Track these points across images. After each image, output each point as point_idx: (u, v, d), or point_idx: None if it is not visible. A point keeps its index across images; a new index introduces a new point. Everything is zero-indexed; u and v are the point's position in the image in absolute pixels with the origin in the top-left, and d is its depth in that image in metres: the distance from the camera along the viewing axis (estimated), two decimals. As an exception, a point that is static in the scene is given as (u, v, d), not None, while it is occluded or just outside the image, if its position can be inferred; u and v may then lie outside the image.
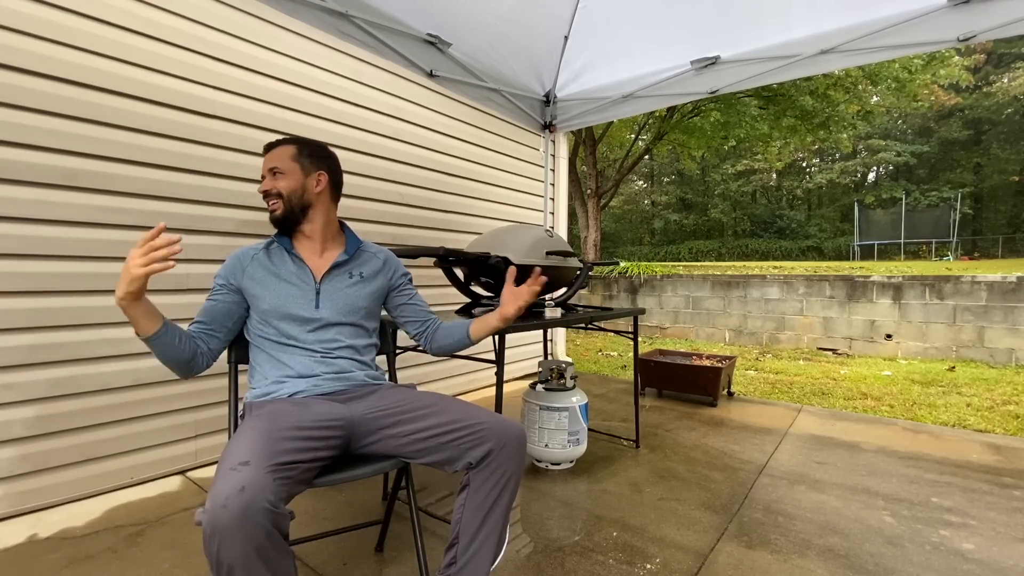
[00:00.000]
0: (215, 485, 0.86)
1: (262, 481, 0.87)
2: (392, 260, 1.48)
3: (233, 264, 1.31)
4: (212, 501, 0.83)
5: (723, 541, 1.67)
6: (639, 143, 13.11)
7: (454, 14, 2.45)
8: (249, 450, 0.94)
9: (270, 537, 0.85)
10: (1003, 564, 1.55)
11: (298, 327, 1.28)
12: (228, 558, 0.82)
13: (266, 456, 0.94)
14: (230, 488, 0.84)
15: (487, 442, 1.11)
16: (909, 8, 2.14)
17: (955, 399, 3.72)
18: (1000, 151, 20.51)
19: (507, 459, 1.12)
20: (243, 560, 0.82)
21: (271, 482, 0.89)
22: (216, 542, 0.81)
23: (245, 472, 0.88)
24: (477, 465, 1.11)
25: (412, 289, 1.51)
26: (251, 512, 0.83)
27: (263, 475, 0.89)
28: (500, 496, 1.11)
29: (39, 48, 1.76)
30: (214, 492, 0.84)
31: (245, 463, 0.90)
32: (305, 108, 2.53)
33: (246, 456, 0.92)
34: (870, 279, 5.88)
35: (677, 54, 2.77)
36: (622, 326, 5.88)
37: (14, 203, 1.74)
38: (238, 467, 0.89)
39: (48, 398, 1.83)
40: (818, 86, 9.06)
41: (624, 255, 23.04)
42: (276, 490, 0.89)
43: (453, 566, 1.10)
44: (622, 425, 2.90)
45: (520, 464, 1.15)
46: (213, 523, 0.81)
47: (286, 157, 1.33)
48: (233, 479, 0.86)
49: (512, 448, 1.13)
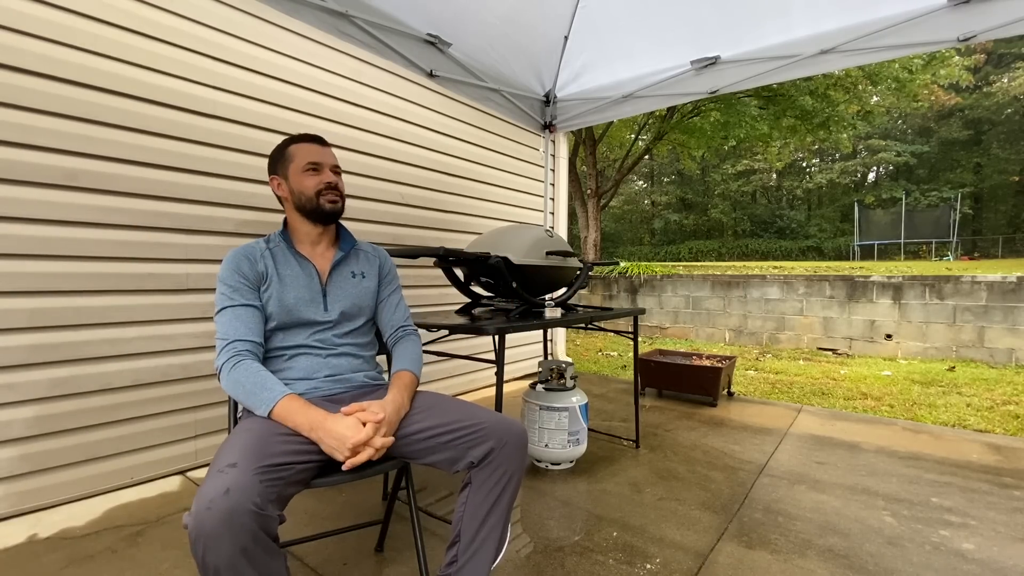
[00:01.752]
0: (201, 487, 0.86)
1: (248, 483, 0.87)
2: (386, 259, 1.47)
3: (242, 262, 1.23)
4: (197, 503, 0.83)
5: (723, 541, 1.67)
6: (639, 143, 13.11)
7: (454, 14, 2.45)
8: (238, 452, 0.93)
9: (256, 539, 0.85)
10: (1003, 564, 1.55)
11: (305, 328, 1.27)
12: (214, 561, 0.82)
13: (255, 458, 0.93)
14: (215, 491, 0.83)
15: (488, 441, 1.11)
16: (909, 8, 2.13)
17: (955, 399, 3.72)
18: (1000, 151, 20.51)
19: (508, 458, 1.12)
20: (229, 562, 0.82)
21: (257, 484, 0.88)
22: (201, 545, 0.81)
23: (231, 474, 0.87)
24: (479, 464, 1.11)
25: (393, 292, 1.45)
26: (236, 515, 0.82)
27: (249, 477, 0.88)
28: (501, 495, 1.11)
29: (39, 48, 1.76)
30: (199, 494, 0.84)
31: (232, 465, 0.89)
32: (305, 108, 2.53)
33: (234, 458, 0.91)
34: (870, 279, 5.88)
35: (677, 54, 2.77)
36: (622, 326, 5.89)
37: (14, 203, 1.74)
38: (225, 469, 0.88)
39: (48, 398, 1.83)
40: (818, 86, 9.06)
41: (624, 255, 23.05)
42: (263, 492, 0.88)
43: (454, 564, 1.10)
44: (622, 425, 2.90)
45: (522, 463, 1.15)
46: (198, 526, 0.81)
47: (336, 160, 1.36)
48: (219, 481, 0.85)
49: (513, 447, 1.13)
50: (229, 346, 1.14)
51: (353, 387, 1.29)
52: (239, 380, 1.10)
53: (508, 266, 1.89)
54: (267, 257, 1.27)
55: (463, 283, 2.20)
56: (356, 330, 1.35)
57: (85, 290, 1.90)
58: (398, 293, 1.46)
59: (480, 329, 1.72)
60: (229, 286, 1.20)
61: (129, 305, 2.00)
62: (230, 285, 1.20)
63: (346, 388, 1.28)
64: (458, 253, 1.79)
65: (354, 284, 1.36)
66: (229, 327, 1.16)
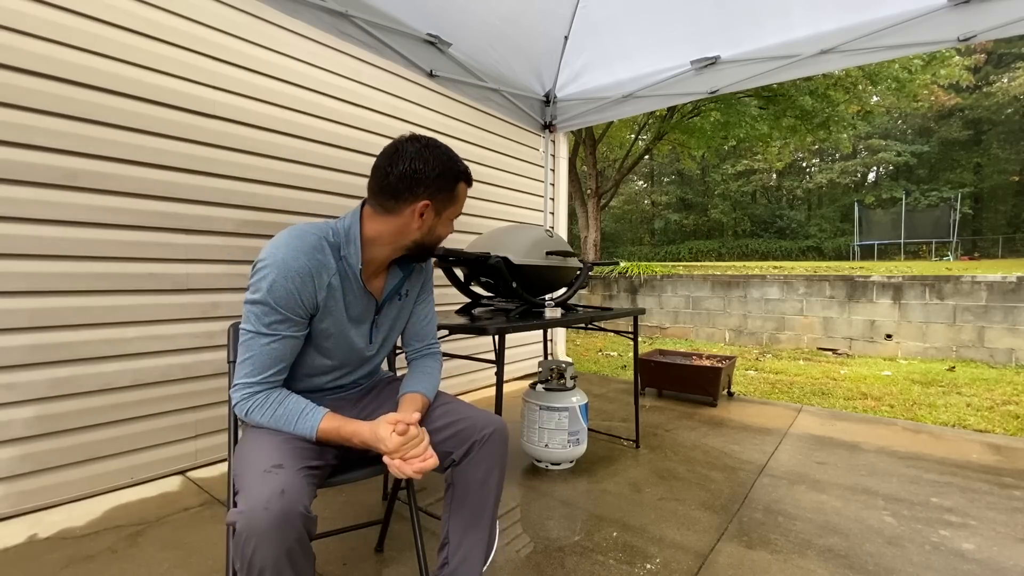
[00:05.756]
0: (251, 487, 0.84)
1: (299, 484, 0.87)
2: (430, 271, 1.34)
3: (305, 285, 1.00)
4: (251, 503, 0.81)
5: (723, 541, 1.67)
6: (639, 143, 13.11)
7: (454, 14, 2.45)
8: (277, 453, 0.93)
9: (300, 541, 0.85)
10: (1003, 564, 1.55)
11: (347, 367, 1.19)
12: (261, 561, 0.81)
13: (296, 459, 0.93)
14: (270, 491, 0.83)
15: (469, 439, 1.10)
16: (909, 8, 2.13)
17: (955, 399, 3.72)
18: (1000, 151, 20.52)
19: (488, 453, 1.10)
20: (274, 563, 0.82)
21: (306, 486, 0.89)
22: (252, 544, 0.80)
23: (282, 475, 0.87)
24: (460, 462, 1.10)
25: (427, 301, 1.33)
26: (290, 516, 0.82)
27: (300, 479, 0.88)
28: (485, 492, 1.10)
29: (39, 48, 1.76)
30: (253, 494, 0.83)
31: (279, 466, 0.89)
32: (305, 108, 2.53)
33: (278, 459, 0.91)
34: (870, 279, 5.87)
35: (677, 54, 2.77)
36: (622, 326, 5.88)
37: (14, 203, 1.74)
38: (272, 470, 0.88)
39: (48, 398, 1.83)
40: (818, 86, 9.06)
41: (624, 255, 23.04)
42: (309, 494, 0.89)
43: (446, 567, 1.09)
44: (622, 425, 2.90)
45: (502, 457, 1.12)
46: (251, 525, 0.80)
47: None
48: (272, 482, 0.85)
49: (493, 442, 1.10)
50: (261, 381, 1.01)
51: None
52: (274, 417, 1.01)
53: (508, 266, 1.89)
54: (335, 287, 1.06)
55: (463, 283, 2.20)
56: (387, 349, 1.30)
57: (85, 290, 1.90)
58: (431, 303, 1.33)
59: (480, 329, 1.72)
60: (278, 313, 0.99)
61: (129, 305, 2.00)
62: (279, 312, 0.99)
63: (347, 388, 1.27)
64: (458, 253, 1.79)
65: (398, 307, 1.24)
66: (264, 358, 1.00)
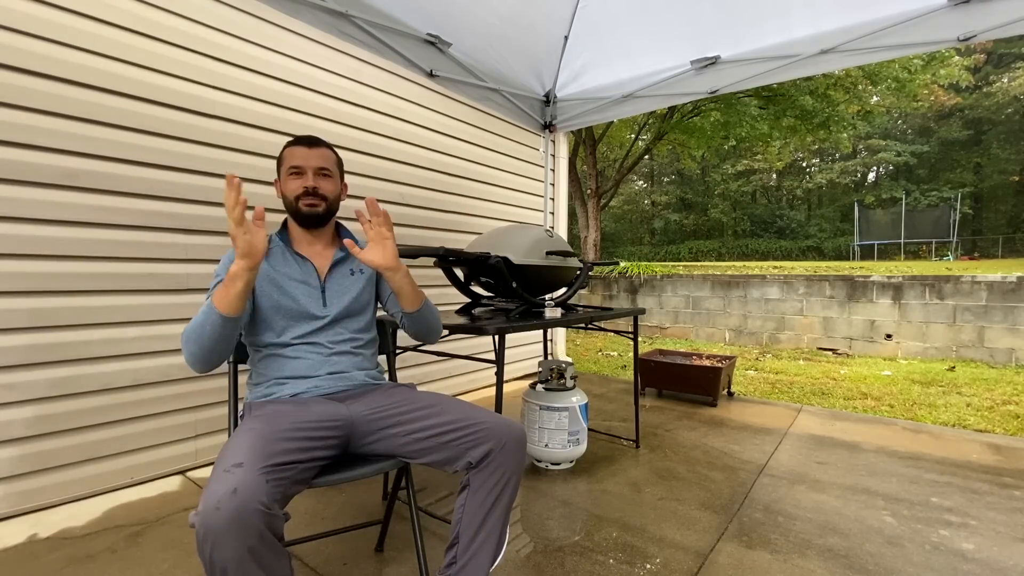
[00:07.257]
0: (208, 487, 0.86)
1: (255, 483, 0.87)
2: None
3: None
4: (205, 503, 0.83)
5: (723, 541, 1.67)
6: (639, 143, 13.11)
7: (454, 14, 2.45)
8: (244, 452, 0.94)
9: (263, 539, 0.85)
10: (1003, 564, 1.55)
11: (304, 326, 1.28)
12: (221, 560, 0.82)
13: (260, 457, 0.94)
14: (223, 490, 0.84)
15: (487, 442, 1.12)
16: (909, 8, 2.14)
17: (955, 399, 3.72)
18: (1000, 151, 20.52)
19: (507, 459, 1.12)
20: (236, 562, 0.83)
21: (264, 484, 0.89)
22: (209, 544, 0.81)
23: (238, 474, 0.88)
24: (477, 465, 1.12)
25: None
26: (244, 514, 0.83)
27: (256, 477, 0.89)
28: (500, 496, 1.12)
29: (39, 48, 1.76)
30: (207, 494, 0.85)
31: (239, 464, 0.90)
32: (305, 108, 2.53)
33: (240, 458, 0.92)
34: (870, 279, 5.88)
35: (677, 54, 2.77)
36: (622, 326, 5.89)
37: (14, 203, 1.74)
38: (232, 469, 0.89)
39: (48, 398, 1.83)
40: (818, 86, 9.06)
41: (624, 255, 23.04)
42: (270, 492, 0.89)
43: (453, 566, 1.10)
44: (622, 425, 2.90)
45: (520, 464, 1.15)
46: (206, 525, 0.81)
47: (331, 162, 1.34)
48: (226, 481, 0.86)
49: (512, 448, 1.13)
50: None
51: (354, 385, 1.29)
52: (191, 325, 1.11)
53: (508, 266, 1.89)
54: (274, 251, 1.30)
55: (463, 283, 2.20)
56: (357, 328, 1.35)
57: (85, 290, 1.90)
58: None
59: (480, 329, 1.72)
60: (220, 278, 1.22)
61: (129, 305, 2.00)
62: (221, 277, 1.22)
63: (347, 386, 1.28)
64: (458, 253, 1.79)
65: (353, 281, 1.36)
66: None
